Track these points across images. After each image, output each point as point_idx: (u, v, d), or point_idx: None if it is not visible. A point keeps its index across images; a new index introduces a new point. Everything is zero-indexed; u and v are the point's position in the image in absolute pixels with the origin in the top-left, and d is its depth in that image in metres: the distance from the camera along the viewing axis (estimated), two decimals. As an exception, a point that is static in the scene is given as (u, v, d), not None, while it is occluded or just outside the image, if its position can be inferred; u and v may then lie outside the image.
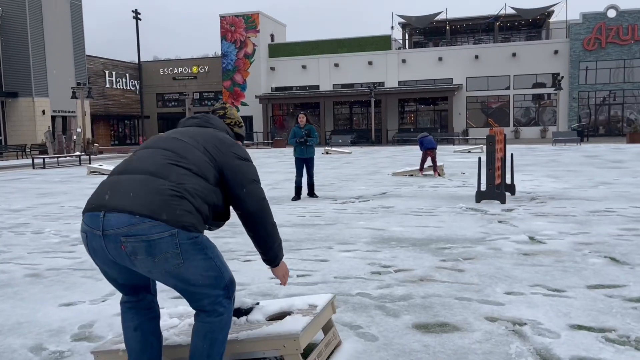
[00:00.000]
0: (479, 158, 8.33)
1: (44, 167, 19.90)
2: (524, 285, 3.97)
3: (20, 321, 3.47)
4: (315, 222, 6.77)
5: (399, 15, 43.02)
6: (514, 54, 38.28)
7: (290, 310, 2.81)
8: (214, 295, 2.23)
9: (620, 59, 36.29)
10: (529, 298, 3.68)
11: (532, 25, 43.99)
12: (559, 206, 7.58)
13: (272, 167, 16.69)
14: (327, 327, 2.94)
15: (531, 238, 5.55)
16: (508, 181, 9.03)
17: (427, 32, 46.05)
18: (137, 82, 46.95)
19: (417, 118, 41.63)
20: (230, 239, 5.89)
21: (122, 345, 2.73)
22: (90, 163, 19.70)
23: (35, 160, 21.27)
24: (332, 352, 2.86)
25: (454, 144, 33.23)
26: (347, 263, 4.72)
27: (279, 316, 2.78)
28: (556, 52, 37.50)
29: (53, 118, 33.80)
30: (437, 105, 40.66)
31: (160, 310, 3.09)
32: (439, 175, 12.37)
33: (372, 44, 41.69)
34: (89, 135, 34.27)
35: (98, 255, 2.16)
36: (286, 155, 24.66)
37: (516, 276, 4.20)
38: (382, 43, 41.59)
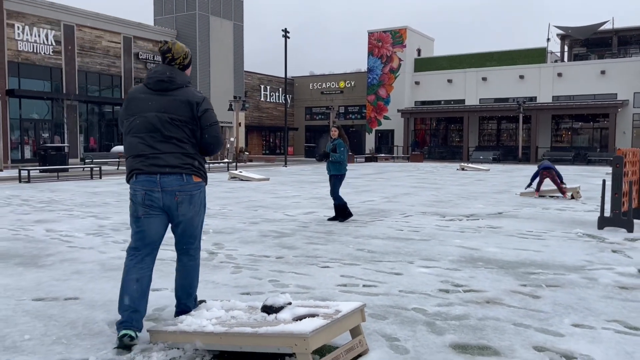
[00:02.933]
0: (603, 180, 7.60)
1: (196, 172, 22.04)
2: (600, 319, 3.63)
3: (113, 299, 4.05)
4: (410, 237, 6.74)
5: (556, 27, 40.30)
6: (694, 66, 33.66)
7: (317, 313, 2.96)
8: (197, 243, 3.42)
9: None
10: (596, 332, 3.37)
11: None
12: (699, 240, 6.63)
13: (399, 181, 16.69)
14: (355, 334, 3.04)
15: (640, 271, 4.98)
16: (644, 208, 8.09)
17: (590, 43, 42.41)
18: (288, 97, 49.90)
19: (573, 136, 38.45)
20: (321, 246, 6.15)
21: (170, 327, 3.11)
22: (236, 169, 21.46)
23: (191, 165, 23.60)
24: (355, 358, 2.94)
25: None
26: (419, 278, 4.69)
27: (305, 317, 2.95)
28: None
29: (212, 128, 37.16)
30: (596, 123, 37.20)
31: (214, 302, 3.47)
32: (572, 197, 11.42)
33: (524, 57, 39.52)
34: (242, 144, 37.17)
35: (154, 204, 3.18)
36: (418, 170, 24.41)
37: (596, 309, 3.85)
38: (535, 56, 39.24)
